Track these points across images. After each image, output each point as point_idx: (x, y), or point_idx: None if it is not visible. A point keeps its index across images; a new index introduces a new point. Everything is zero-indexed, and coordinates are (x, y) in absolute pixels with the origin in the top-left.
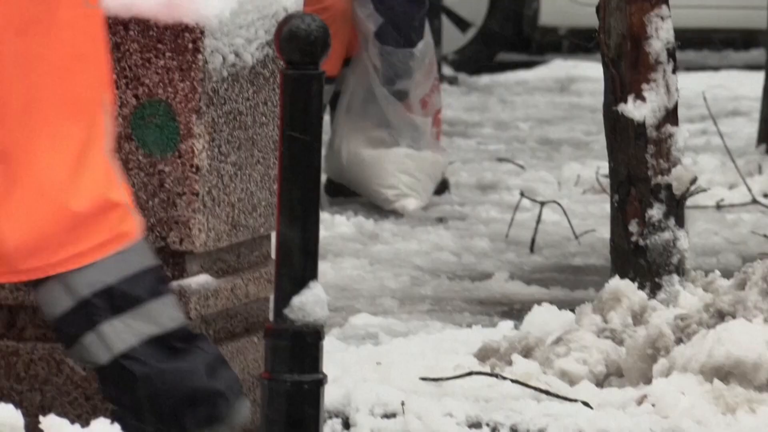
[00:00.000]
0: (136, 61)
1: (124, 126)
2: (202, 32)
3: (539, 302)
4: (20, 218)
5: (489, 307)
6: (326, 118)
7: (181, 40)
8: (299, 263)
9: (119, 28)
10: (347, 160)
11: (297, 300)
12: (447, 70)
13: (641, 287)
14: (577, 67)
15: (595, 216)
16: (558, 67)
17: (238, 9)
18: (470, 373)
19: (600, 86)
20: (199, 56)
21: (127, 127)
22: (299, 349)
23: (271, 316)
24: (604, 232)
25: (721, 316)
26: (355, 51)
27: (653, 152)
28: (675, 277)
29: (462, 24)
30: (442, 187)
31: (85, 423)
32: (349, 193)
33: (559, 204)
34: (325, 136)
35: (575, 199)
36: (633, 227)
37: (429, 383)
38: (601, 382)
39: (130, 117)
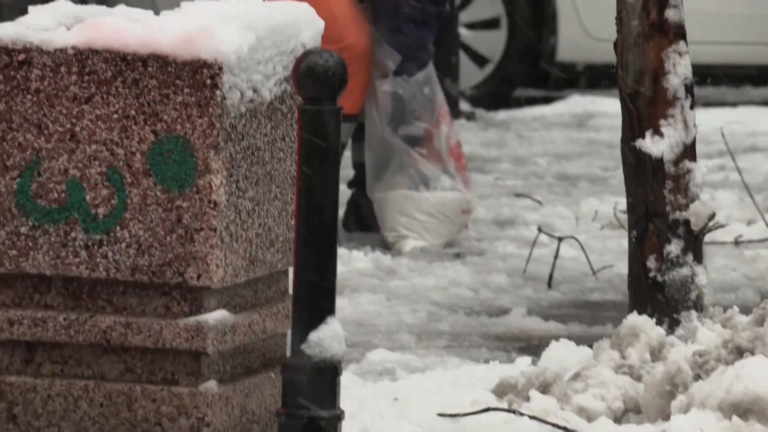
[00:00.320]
0: (155, 97)
1: (142, 161)
2: (220, 68)
3: (557, 338)
4: None
5: (506, 343)
6: (346, 153)
7: (199, 76)
8: (317, 299)
9: (138, 64)
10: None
11: (314, 335)
12: (464, 106)
13: (659, 323)
14: (595, 102)
15: (612, 251)
16: (575, 103)
17: (257, 45)
18: (488, 409)
19: (618, 122)
20: (218, 92)
21: (146, 162)
22: (316, 385)
23: (288, 352)
24: (622, 267)
25: (739, 352)
26: None
27: (671, 188)
28: (693, 313)
29: (479, 60)
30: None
31: None
32: (366, 228)
33: (576, 239)
34: (344, 172)
35: (593, 234)
36: (651, 263)
37: (446, 419)
38: (619, 419)
39: (148, 153)
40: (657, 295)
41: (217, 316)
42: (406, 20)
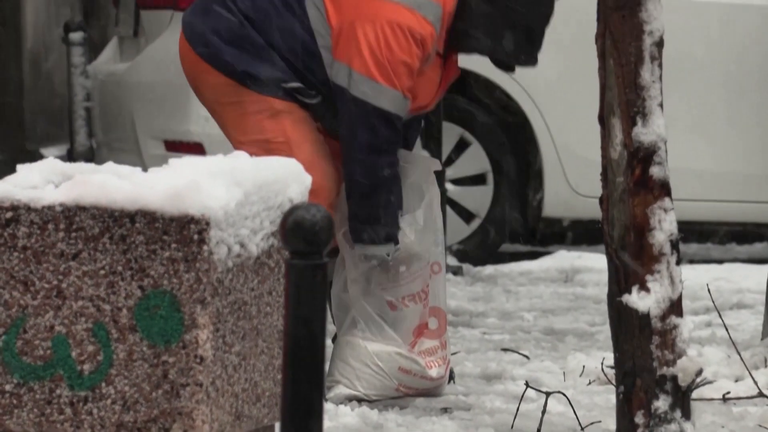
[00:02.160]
0: (142, 252)
1: (128, 317)
2: (207, 223)
3: None
4: None
5: None
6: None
7: (186, 231)
8: None
9: (125, 220)
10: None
11: None
12: (451, 261)
13: None
14: (582, 257)
15: (600, 407)
16: (562, 258)
17: (244, 200)
18: None
19: (604, 277)
20: (205, 247)
21: (132, 318)
22: None
23: None
24: (610, 423)
25: None
26: None
27: (658, 343)
28: None
29: (466, 215)
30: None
31: None
32: None
33: (564, 395)
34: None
35: (581, 389)
36: (639, 419)
37: None
38: None
39: (134, 308)
40: None
41: None
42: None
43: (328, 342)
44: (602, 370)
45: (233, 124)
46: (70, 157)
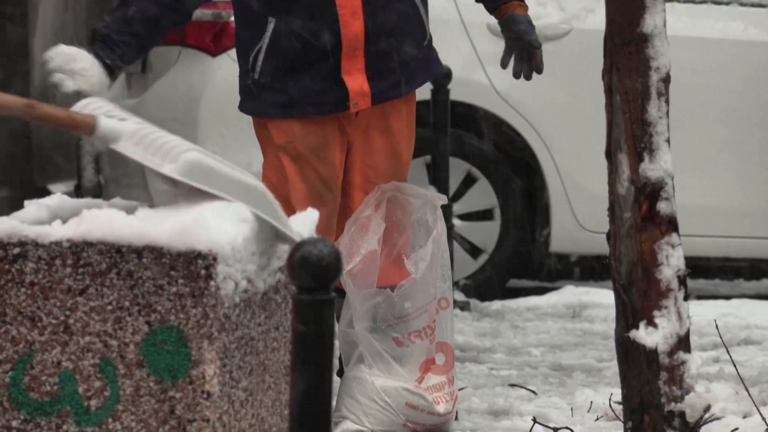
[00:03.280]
0: (149, 288)
1: (135, 352)
2: (215, 259)
3: None
4: None
5: None
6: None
7: (194, 266)
8: None
9: (133, 256)
10: None
11: None
12: (458, 296)
13: None
14: (589, 293)
15: None
16: (570, 294)
17: (251, 236)
18: None
19: (612, 312)
20: (212, 282)
21: (139, 353)
22: None
23: None
24: None
25: None
26: None
27: (666, 379)
28: None
29: (474, 250)
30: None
31: None
32: None
33: (572, 431)
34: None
35: (588, 425)
36: None
37: None
38: None
39: (141, 343)
40: None
41: None
42: None
43: (335, 377)
44: (610, 405)
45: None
46: (78, 192)
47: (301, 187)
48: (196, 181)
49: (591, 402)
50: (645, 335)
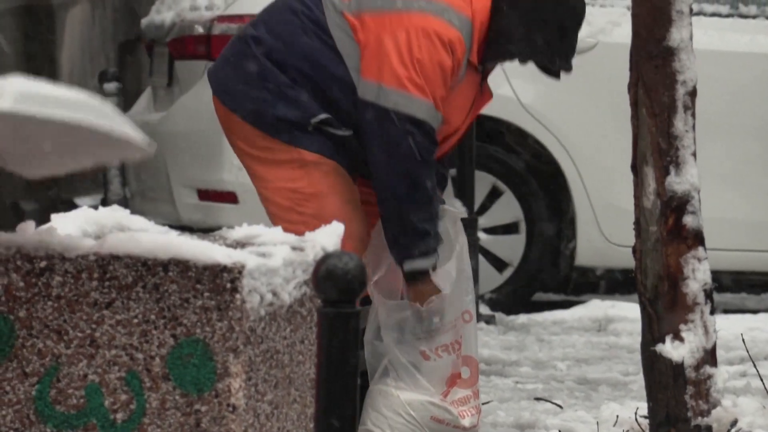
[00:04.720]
0: (175, 301)
1: (161, 365)
2: (240, 272)
3: None
4: None
5: None
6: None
7: (219, 280)
8: None
9: (159, 269)
10: None
11: None
12: (484, 309)
13: None
14: (615, 307)
15: None
16: (595, 307)
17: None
18: None
19: (638, 326)
20: (237, 296)
21: (165, 366)
22: None
23: None
24: None
25: None
26: None
27: (692, 393)
28: None
29: (499, 264)
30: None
31: None
32: None
33: None
34: None
35: None
36: None
37: None
38: None
39: (167, 356)
40: None
41: None
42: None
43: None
44: (636, 420)
45: (262, 172)
46: (104, 206)
47: (336, 200)
48: (32, 108)
49: (617, 416)
50: (671, 349)
